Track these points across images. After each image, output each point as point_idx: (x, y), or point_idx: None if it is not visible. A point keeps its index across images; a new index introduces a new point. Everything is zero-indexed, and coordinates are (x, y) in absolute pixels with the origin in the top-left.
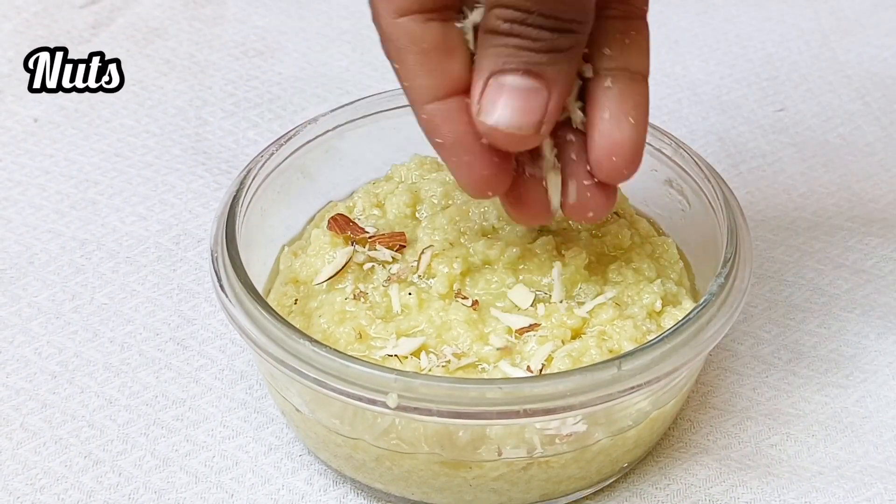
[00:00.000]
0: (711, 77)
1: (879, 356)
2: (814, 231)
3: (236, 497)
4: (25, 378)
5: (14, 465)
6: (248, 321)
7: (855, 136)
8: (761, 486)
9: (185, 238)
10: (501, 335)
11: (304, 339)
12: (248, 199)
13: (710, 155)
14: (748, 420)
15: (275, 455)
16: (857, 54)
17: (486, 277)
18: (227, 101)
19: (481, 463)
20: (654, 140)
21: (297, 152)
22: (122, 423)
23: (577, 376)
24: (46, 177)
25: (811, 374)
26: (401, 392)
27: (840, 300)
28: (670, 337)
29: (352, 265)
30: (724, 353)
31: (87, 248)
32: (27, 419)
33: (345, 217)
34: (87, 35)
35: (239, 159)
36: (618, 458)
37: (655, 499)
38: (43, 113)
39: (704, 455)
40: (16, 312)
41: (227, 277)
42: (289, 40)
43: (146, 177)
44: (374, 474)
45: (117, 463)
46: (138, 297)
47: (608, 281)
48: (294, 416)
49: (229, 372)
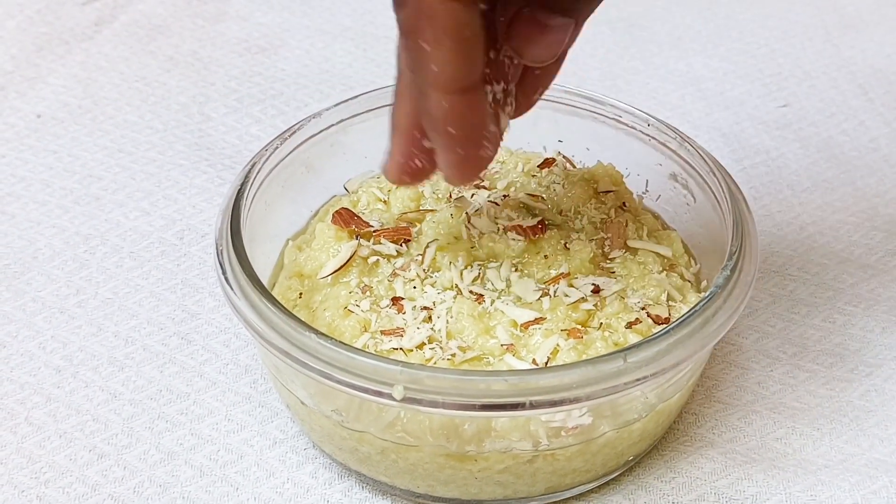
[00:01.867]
0: (715, 73)
1: (884, 350)
2: (818, 226)
3: (241, 491)
4: (30, 372)
5: (19, 459)
6: (253, 314)
7: (859, 132)
8: (767, 479)
9: (189, 233)
10: (507, 328)
11: (310, 331)
12: (253, 193)
13: (714, 151)
14: (753, 414)
15: (280, 449)
16: (861, 50)
17: (490, 271)
18: (230, 98)
19: (487, 456)
20: (659, 134)
21: (301, 147)
22: (127, 417)
23: (583, 368)
24: (50, 172)
25: (816, 369)
26: (407, 384)
27: (845, 295)
28: (676, 329)
29: (356, 259)
30: (728, 347)
31: (91, 244)
32: (32, 413)
33: (349, 211)
34: (90, 32)
35: (242, 155)
36: (623, 452)
37: (660, 492)
38: (46, 109)
39: (710, 448)
40: (20, 307)
41: (231, 270)
42: (291, 37)
43: (150, 172)
44: (379, 467)
45: (122, 457)
46: (142, 291)
47: (613, 274)
48: (299, 410)
49: (234, 366)
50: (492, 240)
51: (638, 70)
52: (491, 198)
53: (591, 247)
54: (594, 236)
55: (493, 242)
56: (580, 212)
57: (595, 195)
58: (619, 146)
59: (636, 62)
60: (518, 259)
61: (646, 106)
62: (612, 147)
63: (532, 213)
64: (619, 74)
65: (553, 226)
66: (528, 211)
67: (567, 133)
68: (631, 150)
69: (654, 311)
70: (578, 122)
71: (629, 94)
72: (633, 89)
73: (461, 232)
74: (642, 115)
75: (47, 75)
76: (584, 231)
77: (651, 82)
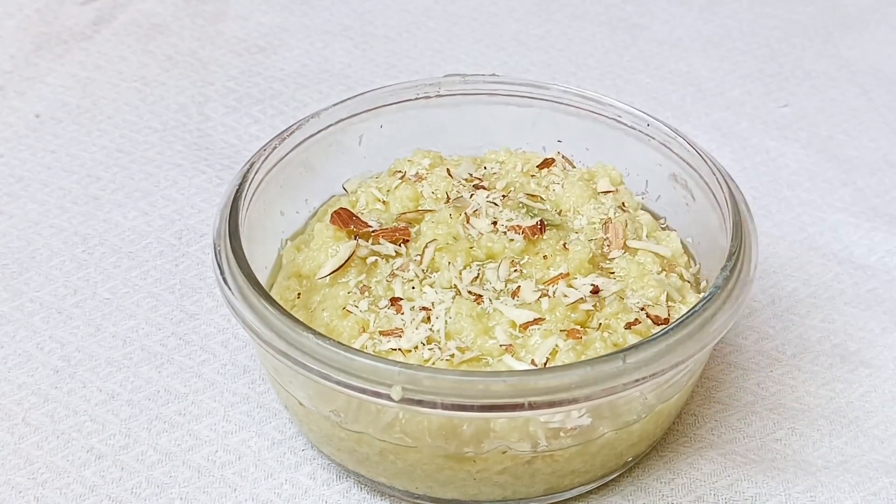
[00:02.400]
0: (715, 73)
1: (884, 351)
2: (818, 226)
3: (239, 491)
4: (27, 373)
5: (16, 460)
6: (251, 314)
7: (859, 132)
8: (766, 480)
9: (188, 233)
10: (506, 329)
11: (308, 331)
12: (251, 193)
13: (714, 150)
14: (753, 415)
15: (278, 450)
16: (861, 50)
17: (489, 271)
18: (229, 98)
19: (485, 457)
20: (659, 135)
21: (300, 146)
22: (125, 417)
23: (582, 369)
24: (48, 172)
25: (816, 369)
26: (405, 385)
27: (845, 295)
28: (675, 330)
29: (355, 259)
30: (728, 347)
31: (90, 244)
32: (29, 414)
33: (348, 211)
34: (89, 32)
35: (241, 155)
36: (622, 453)
37: (660, 493)
38: (45, 109)
39: (709, 449)
40: (18, 307)
41: (229, 271)
42: (291, 37)
43: (148, 172)
44: (377, 468)
45: (120, 457)
46: (140, 292)
47: (613, 275)
48: (297, 410)
49: (232, 367)
50: (490, 240)
51: (638, 70)
52: (490, 198)
53: (591, 247)
54: (593, 236)
55: (491, 242)
56: (580, 212)
57: (595, 195)
58: (618, 146)
59: (636, 62)
60: (517, 259)
61: (646, 106)
62: (612, 147)
63: (531, 214)
64: (619, 74)
65: (553, 226)
66: (528, 211)
67: (567, 133)
68: (631, 150)
69: (654, 312)
70: (578, 122)
71: (629, 93)
72: (633, 89)
73: (460, 232)
74: (642, 115)
75: (46, 75)
76: (583, 231)
77: (651, 82)
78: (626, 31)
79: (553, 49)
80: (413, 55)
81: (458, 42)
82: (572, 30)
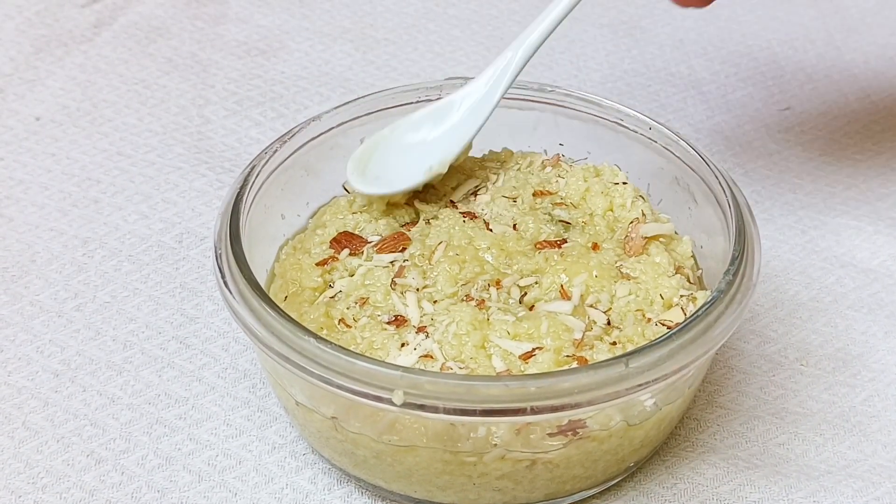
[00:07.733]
0: (717, 76)
1: (887, 355)
2: (820, 229)
3: (240, 496)
4: (27, 377)
5: (16, 464)
6: (251, 317)
7: (861, 135)
8: (769, 485)
9: (188, 236)
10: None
11: (309, 335)
12: (252, 196)
13: (716, 154)
14: (755, 419)
15: (279, 454)
16: (863, 53)
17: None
18: (229, 100)
19: (485, 461)
20: (661, 138)
21: (300, 150)
22: (125, 421)
23: (585, 373)
24: (48, 175)
25: (818, 373)
26: (407, 389)
27: (847, 299)
28: (678, 335)
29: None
30: (730, 351)
31: (90, 247)
32: (29, 418)
33: (347, 234)
34: (89, 34)
35: (241, 158)
36: (624, 458)
37: (662, 498)
38: (45, 111)
39: (712, 454)
40: (18, 311)
41: (230, 274)
42: (291, 39)
43: (148, 175)
44: (375, 472)
45: (120, 462)
46: (141, 295)
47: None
48: (297, 414)
49: (232, 370)
50: (497, 242)
51: (639, 73)
52: (493, 204)
53: (612, 255)
54: (612, 234)
55: (497, 252)
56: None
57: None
58: (620, 149)
59: (638, 65)
60: (521, 269)
61: (647, 109)
62: (614, 150)
63: (540, 220)
64: (620, 77)
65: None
66: (534, 217)
67: (568, 136)
68: (632, 153)
69: (672, 321)
70: (579, 125)
71: (631, 96)
72: (635, 92)
73: (462, 241)
74: (644, 118)
75: (46, 77)
76: (596, 235)
77: (652, 85)
78: (628, 33)
79: (554, 52)
80: (414, 58)
81: (460, 45)
82: (573, 32)
